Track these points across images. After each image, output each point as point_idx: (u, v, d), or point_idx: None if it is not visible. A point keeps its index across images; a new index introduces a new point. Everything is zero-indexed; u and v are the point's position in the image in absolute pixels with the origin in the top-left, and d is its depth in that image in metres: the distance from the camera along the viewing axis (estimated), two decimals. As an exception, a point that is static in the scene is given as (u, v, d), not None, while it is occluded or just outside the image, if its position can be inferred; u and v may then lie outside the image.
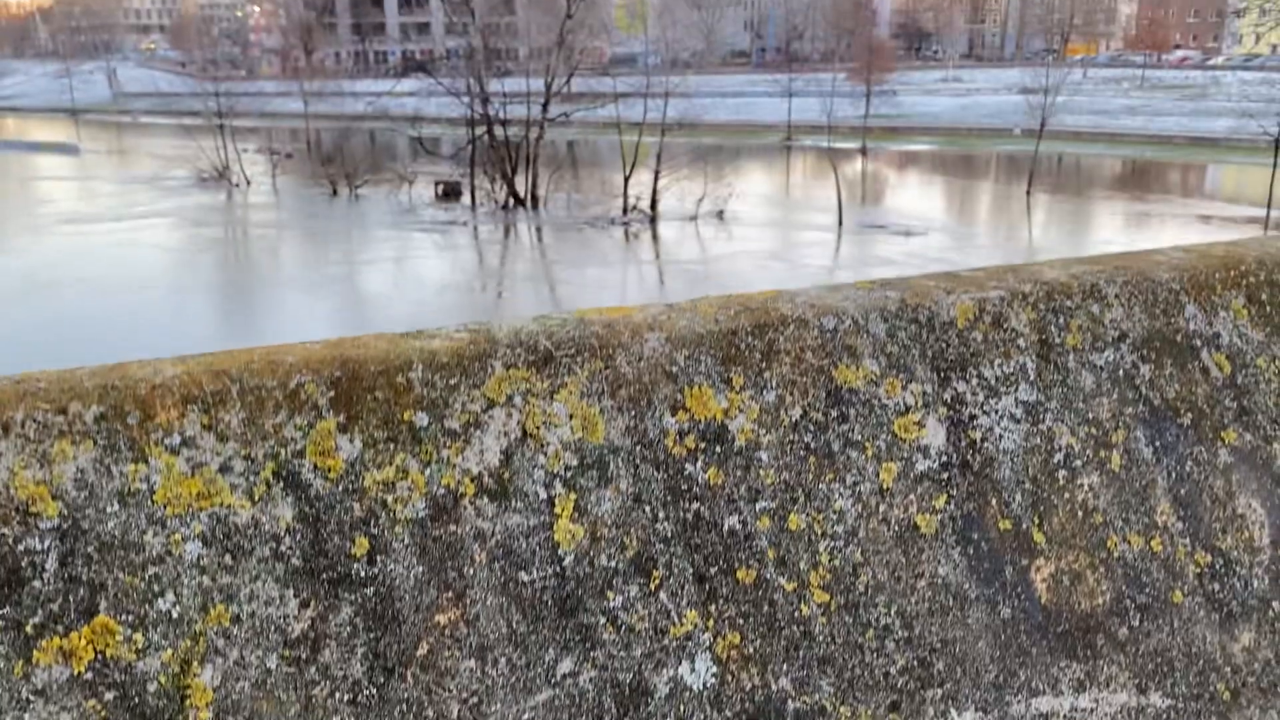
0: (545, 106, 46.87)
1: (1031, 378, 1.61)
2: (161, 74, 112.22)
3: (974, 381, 1.58)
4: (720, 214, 42.74)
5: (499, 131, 46.62)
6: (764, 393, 1.46)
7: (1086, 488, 1.59)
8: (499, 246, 41.01)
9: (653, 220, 42.87)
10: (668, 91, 45.89)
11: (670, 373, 1.43)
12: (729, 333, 1.48)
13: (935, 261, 33.98)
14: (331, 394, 1.28)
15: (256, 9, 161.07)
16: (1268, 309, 1.81)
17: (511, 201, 45.97)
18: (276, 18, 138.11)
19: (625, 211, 43.45)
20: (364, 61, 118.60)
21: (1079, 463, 1.60)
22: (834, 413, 1.49)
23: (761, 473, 1.43)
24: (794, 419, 1.47)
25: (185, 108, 62.97)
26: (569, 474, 1.34)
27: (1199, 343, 1.73)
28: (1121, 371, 1.67)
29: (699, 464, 1.40)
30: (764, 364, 1.48)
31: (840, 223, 40.77)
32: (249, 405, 1.25)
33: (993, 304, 1.63)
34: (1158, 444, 1.65)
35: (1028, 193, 48.93)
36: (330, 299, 30.87)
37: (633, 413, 1.39)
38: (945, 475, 1.52)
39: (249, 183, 53.47)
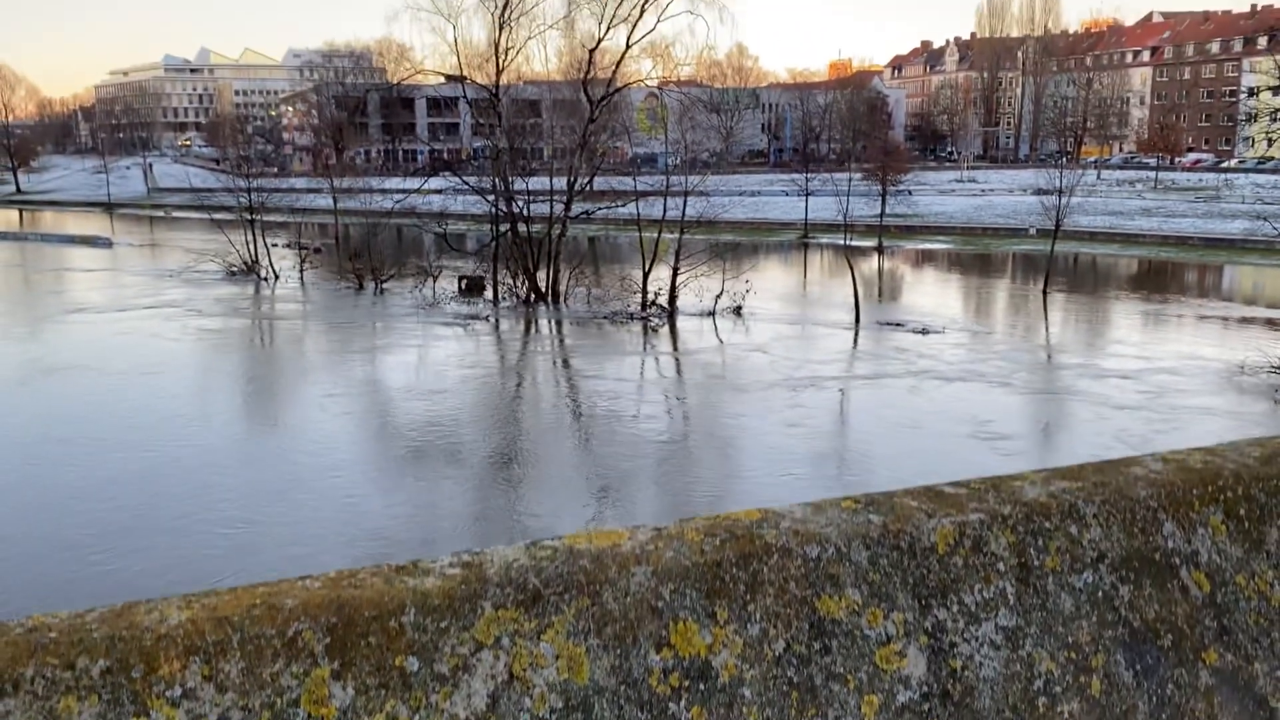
0: (567, 205, 47.80)
1: (1011, 602, 1.65)
2: (195, 170, 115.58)
3: (954, 608, 1.62)
4: (738, 310, 43.09)
5: (522, 228, 47.52)
6: (748, 626, 1.51)
7: (1067, 715, 1.61)
8: (519, 339, 41.38)
9: (671, 315, 43.23)
10: (687, 190, 46.67)
11: (655, 608, 1.48)
12: (714, 564, 1.53)
13: (951, 363, 34.02)
14: (327, 640, 1.34)
15: (290, 109, 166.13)
16: (1246, 524, 1.85)
17: (533, 296, 46.57)
18: (309, 118, 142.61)
19: (644, 307, 43.89)
20: (393, 160, 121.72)
21: (1059, 689, 1.62)
22: (817, 645, 1.53)
23: (744, 710, 1.46)
24: (777, 652, 1.51)
25: (217, 203, 64.68)
26: (554, 718, 1.38)
27: (1178, 561, 1.77)
28: (1101, 593, 1.70)
29: (682, 703, 1.44)
30: (748, 596, 1.53)
31: (857, 320, 40.99)
32: (248, 654, 1.31)
33: (973, 527, 1.68)
34: (1138, 667, 1.68)
35: (1044, 291, 49.20)
36: (349, 390, 31.14)
37: (618, 651, 1.44)
38: (925, 706, 1.55)
39: (277, 276, 54.49)
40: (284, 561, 18.03)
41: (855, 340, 38.74)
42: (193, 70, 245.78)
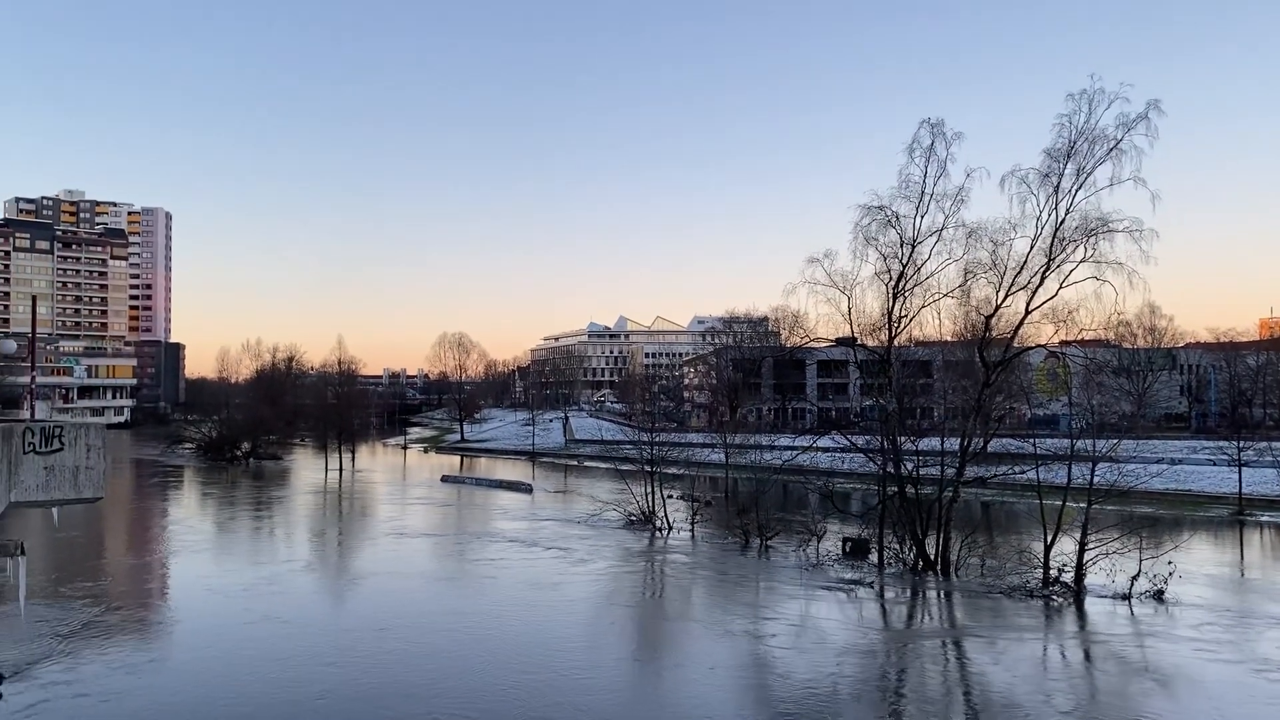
0: (960, 468, 46.04)
1: None
2: (607, 423, 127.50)
3: None
4: (1159, 594, 38.22)
5: (911, 491, 46.37)
6: None
7: None
8: (905, 610, 39.52)
9: (1077, 595, 39.19)
10: (1095, 456, 43.25)
11: None
12: None
13: None
14: None
15: (692, 370, 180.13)
16: None
17: (920, 564, 44.66)
18: (709, 378, 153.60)
19: (1046, 584, 40.29)
20: (783, 418, 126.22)
21: None
22: None
23: None
24: None
25: (623, 455, 70.50)
26: None
27: None
28: None
29: None
30: None
31: (1316, 618, 34.64)
32: None
33: None
34: None
35: None
36: (733, 651, 31.30)
37: None
38: None
39: (670, 527, 57.39)
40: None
41: (1315, 643, 32.58)
42: (611, 336, 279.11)
